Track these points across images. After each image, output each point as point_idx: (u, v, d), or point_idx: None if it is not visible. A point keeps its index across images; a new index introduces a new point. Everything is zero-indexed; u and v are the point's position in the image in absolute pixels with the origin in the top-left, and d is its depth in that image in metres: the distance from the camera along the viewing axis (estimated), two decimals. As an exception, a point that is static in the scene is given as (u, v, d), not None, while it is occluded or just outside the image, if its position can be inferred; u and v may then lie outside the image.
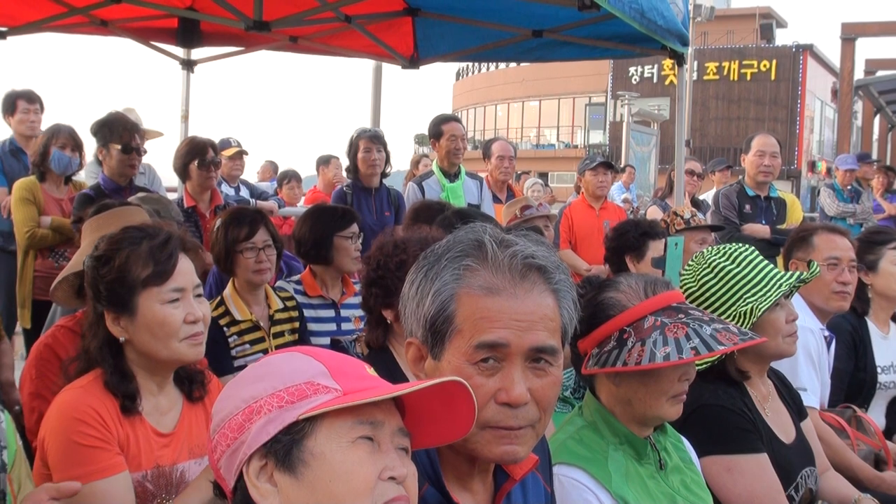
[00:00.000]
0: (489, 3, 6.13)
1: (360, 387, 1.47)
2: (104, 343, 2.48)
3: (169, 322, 2.43)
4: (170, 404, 2.58)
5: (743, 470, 2.72)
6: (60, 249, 5.69)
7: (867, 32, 23.96)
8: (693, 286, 3.02)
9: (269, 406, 1.45)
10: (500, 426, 1.63)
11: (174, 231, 2.58)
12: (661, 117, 24.94)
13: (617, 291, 2.30)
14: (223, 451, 1.49)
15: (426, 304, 1.66)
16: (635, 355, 2.16)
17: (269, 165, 13.08)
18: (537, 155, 48.13)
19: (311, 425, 1.44)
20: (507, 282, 1.63)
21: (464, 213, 4.22)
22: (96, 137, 5.43)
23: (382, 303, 2.97)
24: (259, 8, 5.40)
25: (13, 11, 6.27)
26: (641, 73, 42.19)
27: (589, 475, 2.17)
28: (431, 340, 1.67)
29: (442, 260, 1.67)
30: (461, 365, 1.62)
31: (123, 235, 2.51)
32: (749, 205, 6.80)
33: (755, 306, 2.86)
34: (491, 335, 1.61)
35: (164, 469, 2.47)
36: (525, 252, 1.65)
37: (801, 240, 4.04)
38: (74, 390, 2.42)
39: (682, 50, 6.08)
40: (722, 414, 2.79)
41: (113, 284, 2.44)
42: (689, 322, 2.20)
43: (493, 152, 7.41)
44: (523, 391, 1.62)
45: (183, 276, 2.49)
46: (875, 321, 4.29)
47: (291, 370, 1.49)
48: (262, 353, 4.07)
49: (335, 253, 4.52)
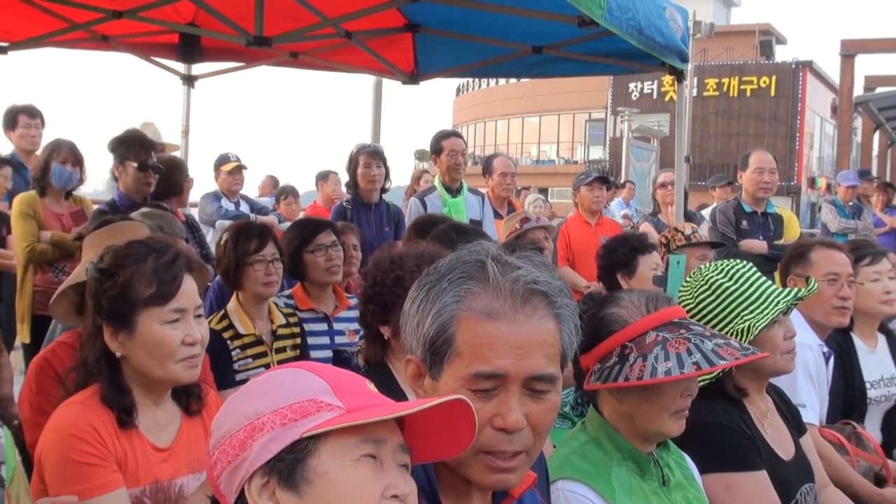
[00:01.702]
0: (489, 19, 6.14)
1: (362, 404, 1.47)
2: (101, 356, 2.47)
3: (167, 343, 2.42)
4: (168, 419, 2.56)
5: (742, 488, 2.71)
6: (60, 264, 5.69)
7: (867, 49, 24.03)
8: (690, 303, 3.01)
9: (271, 423, 1.44)
10: (495, 450, 1.63)
11: (181, 249, 2.57)
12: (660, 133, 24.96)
13: (618, 307, 2.31)
14: (223, 467, 1.48)
15: (426, 325, 1.65)
16: (637, 370, 2.17)
17: (269, 180, 13.08)
18: (537, 171, 48.17)
19: (315, 443, 1.43)
20: (507, 306, 1.62)
21: (460, 227, 4.21)
22: (113, 154, 5.44)
23: (380, 319, 2.95)
24: (260, 23, 5.42)
25: (14, 27, 6.29)
26: (641, 89, 42.29)
27: (592, 490, 2.17)
28: (430, 360, 1.66)
29: (444, 280, 1.66)
30: (458, 389, 1.61)
31: (129, 251, 2.50)
32: (746, 221, 6.80)
33: (752, 323, 2.85)
34: (489, 366, 1.60)
35: (163, 484, 2.46)
36: (528, 277, 1.64)
37: (799, 256, 4.03)
38: (72, 406, 2.41)
39: (682, 66, 6.10)
40: (720, 431, 2.78)
41: (115, 300, 2.43)
42: (691, 337, 2.20)
43: (495, 169, 7.41)
44: (519, 417, 1.61)
45: (185, 296, 2.47)
46: (860, 336, 4.25)
47: (294, 386, 1.48)
48: (264, 367, 4.06)
49: (306, 268, 4.53)
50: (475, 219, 6.62)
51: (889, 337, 4.40)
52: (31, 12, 5.96)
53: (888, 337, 4.39)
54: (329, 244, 4.54)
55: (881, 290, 4.17)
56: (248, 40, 5.55)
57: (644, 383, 2.15)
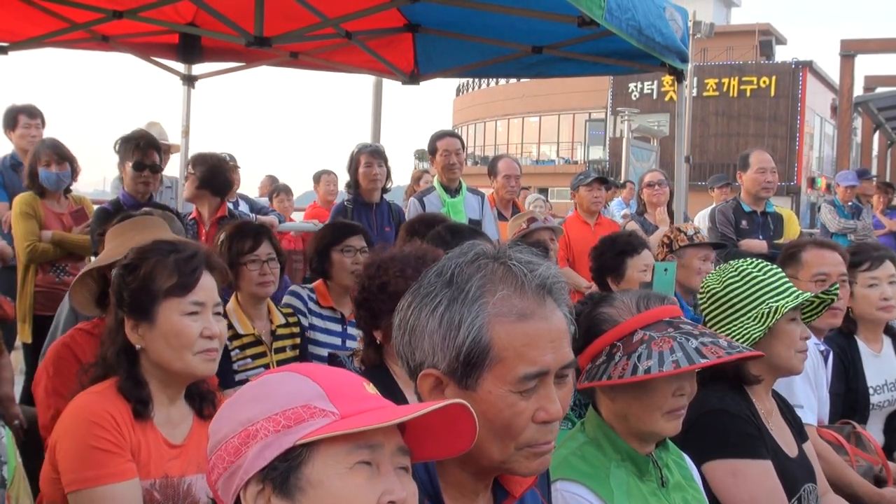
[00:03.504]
0: (489, 19, 6.15)
1: (358, 409, 1.45)
2: (121, 350, 2.53)
3: (185, 333, 2.48)
4: (180, 417, 2.61)
5: (748, 475, 2.72)
6: (62, 264, 5.70)
7: (866, 49, 24.06)
8: (717, 287, 3.06)
9: (265, 430, 1.43)
10: (539, 444, 1.66)
11: (202, 248, 2.66)
12: (660, 133, 24.95)
13: (611, 307, 2.34)
14: (220, 473, 1.48)
15: (459, 336, 1.62)
16: (619, 369, 2.20)
17: (268, 180, 13.07)
18: (537, 171, 48.14)
19: (308, 451, 1.42)
20: (534, 304, 1.64)
21: (455, 228, 4.20)
22: (118, 154, 5.46)
23: (371, 324, 2.97)
24: (260, 24, 5.42)
25: (14, 27, 6.29)
26: (641, 89, 42.26)
27: (591, 491, 2.18)
28: (462, 371, 1.64)
29: (468, 288, 1.64)
30: (504, 394, 1.62)
31: (153, 247, 2.60)
32: (746, 220, 6.80)
33: (781, 305, 2.88)
34: (535, 365, 1.62)
35: (172, 480, 2.50)
36: (545, 273, 1.67)
37: (790, 256, 4.02)
38: (90, 395, 2.47)
39: (682, 66, 6.11)
40: (728, 419, 2.80)
41: (136, 292, 2.51)
42: (677, 336, 2.21)
43: (500, 171, 7.38)
44: (559, 407, 1.65)
45: (204, 291, 2.55)
46: (864, 340, 4.22)
47: (288, 392, 1.47)
48: (263, 367, 4.08)
49: (332, 267, 4.55)
50: (474, 219, 6.62)
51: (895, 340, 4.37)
52: (32, 12, 5.97)
53: (895, 340, 4.36)
54: (359, 248, 4.58)
55: (878, 297, 4.12)
56: (248, 40, 5.56)
57: (624, 382, 2.17)
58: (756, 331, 2.89)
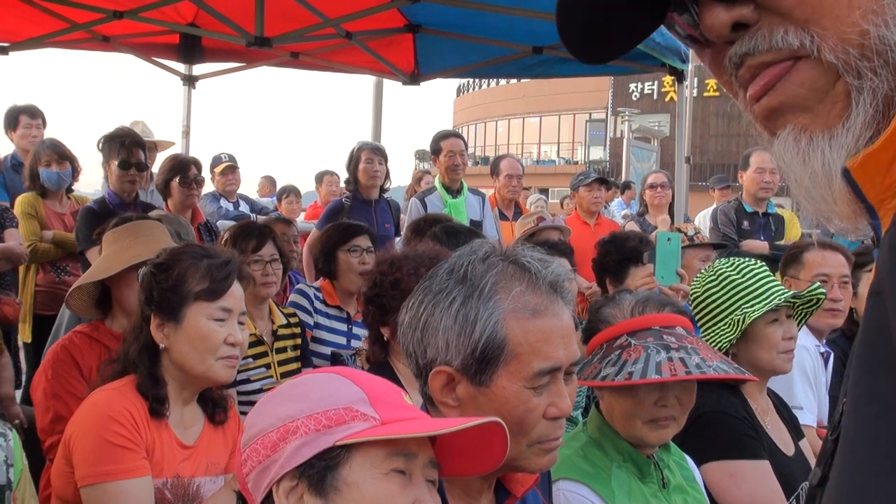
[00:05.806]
0: (490, 19, 6.16)
1: (397, 416, 1.46)
2: (144, 347, 2.56)
3: (211, 338, 2.52)
4: (193, 420, 2.64)
5: (746, 476, 2.72)
6: (62, 264, 5.70)
7: (866, 49, 24.00)
8: (699, 291, 3.10)
9: (305, 428, 1.44)
10: (549, 439, 1.67)
11: (235, 256, 2.70)
12: (661, 134, 24.94)
13: (613, 307, 2.35)
14: (253, 466, 1.48)
15: (475, 332, 1.63)
16: (590, 371, 2.23)
17: (266, 181, 13.09)
18: (538, 171, 48.16)
19: (346, 453, 1.43)
20: (547, 301, 1.66)
21: (451, 229, 4.19)
22: (101, 152, 5.45)
23: (380, 321, 2.98)
24: (260, 24, 5.43)
25: (15, 27, 6.31)
26: (641, 89, 42.29)
27: (592, 491, 2.19)
28: (476, 367, 1.64)
29: (482, 285, 1.65)
30: (518, 389, 1.63)
31: (187, 250, 2.65)
32: (747, 221, 6.80)
33: (748, 315, 2.90)
34: (549, 361, 1.63)
35: (183, 480, 2.52)
36: (557, 271, 1.69)
37: (793, 257, 4.03)
38: (108, 391, 2.49)
39: (682, 67, 6.12)
40: (725, 420, 2.81)
41: (167, 292, 2.54)
42: (650, 346, 2.21)
43: (502, 170, 7.38)
44: (569, 402, 1.67)
45: (233, 298, 2.59)
46: None
47: (330, 393, 1.48)
48: (264, 367, 4.08)
49: (338, 267, 4.56)
50: (475, 219, 6.62)
51: None
52: (32, 13, 5.98)
53: None
54: (365, 248, 4.58)
55: None
56: (248, 41, 5.57)
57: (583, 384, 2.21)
58: (729, 337, 2.92)
